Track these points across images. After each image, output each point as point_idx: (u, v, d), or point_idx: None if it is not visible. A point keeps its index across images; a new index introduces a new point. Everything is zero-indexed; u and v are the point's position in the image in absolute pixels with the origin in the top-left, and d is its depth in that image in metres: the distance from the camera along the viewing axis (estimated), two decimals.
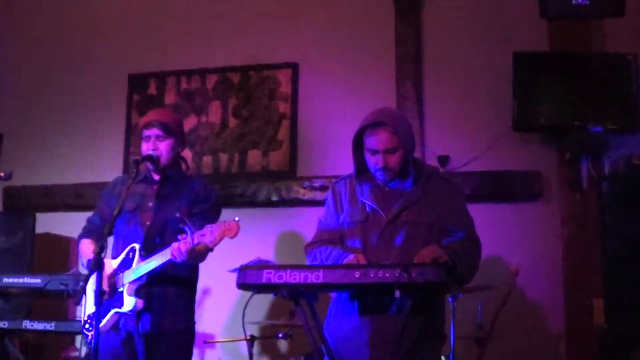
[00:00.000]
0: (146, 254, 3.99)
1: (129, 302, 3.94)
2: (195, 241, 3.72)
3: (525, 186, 5.73)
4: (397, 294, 3.36)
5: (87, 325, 4.02)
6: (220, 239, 3.71)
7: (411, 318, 3.42)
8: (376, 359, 3.49)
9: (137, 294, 3.97)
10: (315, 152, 6.15)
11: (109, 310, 3.98)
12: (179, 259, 3.81)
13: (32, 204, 6.48)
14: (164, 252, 3.88)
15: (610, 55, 5.68)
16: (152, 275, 3.98)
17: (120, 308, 3.96)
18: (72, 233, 5.98)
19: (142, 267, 3.95)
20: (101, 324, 3.94)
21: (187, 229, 3.72)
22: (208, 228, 3.71)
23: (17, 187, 6.42)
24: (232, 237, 3.69)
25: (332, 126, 6.09)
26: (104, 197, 4.41)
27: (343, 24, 6.27)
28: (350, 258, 3.57)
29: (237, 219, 3.70)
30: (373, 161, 3.66)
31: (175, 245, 3.80)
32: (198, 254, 3.94)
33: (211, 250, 4.02)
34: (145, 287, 4.01)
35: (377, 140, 3.62)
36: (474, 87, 5.95)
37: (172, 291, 4.12)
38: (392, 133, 3.61)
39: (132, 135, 6.44)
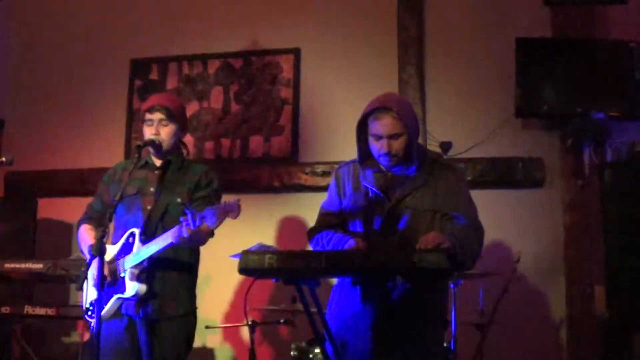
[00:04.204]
0: (146, 238, 3.98)
1: (131, 288, 3.94)
2: (197, 223, 3.72)
3: (527, 173, 5.73)
4: (399, 280, 3.36)
5: (89, 312, 4.03)
6: (223, 220, 3.69)
7: (413, 304, 3.43)
8: (378, 344, 3.49)
9: (139, 279, 3.97)
10: (317, 137, 6.15)
11: (112, 296, 3.98)
12: (181, 242, 3.81)
13: (34, 189, 6.47)
14: (164, 235, 3.87)
15: (613, 42, 5.66)
16: (152, 259, 3.97)
17: (122, 293, 3.95)
18: (73, 218, 5.96)
19: (142, 252, 3.94)
20: (104, 310, 3.94)
21: (188, 212, 3.72)
22: (209, 210, 3.69)
23: (18, 172, 6.42)
24: (235, 218, 3.68)
25: (334, 112, 6.09)
26: (104, 183, 4.38)
27: (345, 9, 6.26)
28: (351, 243, 3.57)
29: (238, 199, 3.69)
30: (377, 147, 3.65)
31: (176, 227, 3.79)
32: (200, 237, 3.93)
33: (212, 234, 4.03)
34: (147, 272, 4.00)
35: (381, 125, 3.61)
36: (476, 73, 5.94)
37: (173, 276, 4.11)
38: (397, 118, 3.60)
39: (133, 120, 6.44)
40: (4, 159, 4.51)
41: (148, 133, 4.20)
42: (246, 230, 5.62)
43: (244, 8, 6.46)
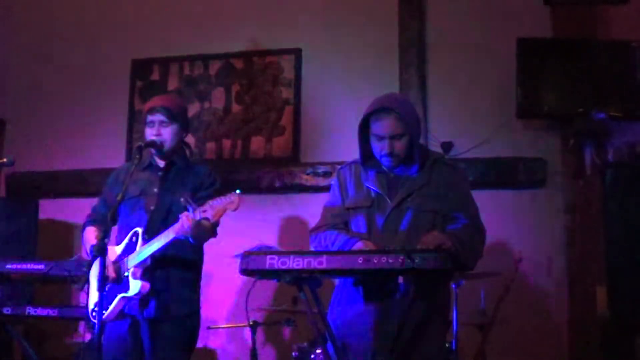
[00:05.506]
0: (149, 237, 3.98)
1: (135, 286, 3.93)
2: (198, 217, 3.72)
3: (528, 173, 5.73)
4: (401, 280, 3.36)
5: (94, 313, 4.01)
6: (223, 213, 3.69)
7: (415, 304, 3.42)
8: (380, 344, 3.49)
9: (142, 277, 3.97)
10: (318, 138, 6.15)
11: (115, 296, 3.97)
12: (183, 236, 3.81)
13: (35, 190, 6.47)
14: (166, 232, 3.88)
15: (615, 42, 5.66)
16: (156, 258, 3.98)
17: (126, 292, 3.95)
18: (75, 219, 6.03)
19: (146, 249, 3.94)
20: (108, 311, 3.95)
21: (189, 206, 3.72)
22: (209, 203, 3.70)
23: (20, 173, 6.42)
24: (234, 210, 3.67)
25: (335, 112, 6.09)
26: (109, 185, 4.40)
27: (346, 9, 6.26)
28: (360, 245, 3.56)
29: (237, 191, 3.69)
30: (379, 147, 3.65)
31: (178, 222, 3.80)
32: (202, 231, 3.93)
33: (215, 234, 4.03)
34: (150, 270, 4.00)
35: (383, 126, 3.61)
36: (477, 74, 5.94)
37: (177, 275, 4.12)
38: (399, 119, 3.60)
39: (135, 121, 6.44)
40: (5, 159, 4.51)
41: (149, 134, 4.20)
42: (247, 230, 5.63)
43: (245, 8, 6.46)
